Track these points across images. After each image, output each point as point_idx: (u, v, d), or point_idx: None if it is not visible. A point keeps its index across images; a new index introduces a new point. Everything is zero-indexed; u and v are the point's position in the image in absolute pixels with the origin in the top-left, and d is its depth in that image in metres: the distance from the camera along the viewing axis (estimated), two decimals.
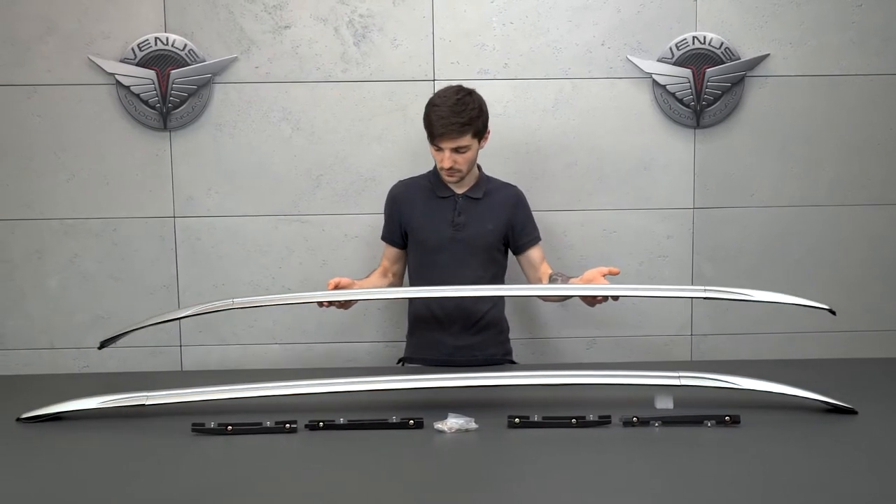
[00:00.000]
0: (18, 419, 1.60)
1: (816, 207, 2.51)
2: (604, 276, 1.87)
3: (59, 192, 2.45)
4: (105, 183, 2.45)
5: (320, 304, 1.91)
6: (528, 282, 2.24)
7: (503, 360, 2.22)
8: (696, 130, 2.48)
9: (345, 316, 2.47)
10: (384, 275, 2.19)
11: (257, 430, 1.49)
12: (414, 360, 2.21)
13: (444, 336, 2.15)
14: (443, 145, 2.02)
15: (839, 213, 2.52)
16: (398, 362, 2.27)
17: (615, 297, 1.85)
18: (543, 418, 1.52)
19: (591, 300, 1.89)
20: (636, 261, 2.52)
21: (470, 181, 2.16)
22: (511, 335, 2.41)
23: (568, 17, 2.44)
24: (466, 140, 2.03)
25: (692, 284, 2.52)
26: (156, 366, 2.50)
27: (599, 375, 1.62)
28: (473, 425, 1.50)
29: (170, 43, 2.38)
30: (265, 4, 2.40)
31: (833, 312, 1.78)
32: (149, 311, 2.47)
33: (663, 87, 2.44)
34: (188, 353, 2.52)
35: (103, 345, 1.89)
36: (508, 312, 2.39)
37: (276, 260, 2.49)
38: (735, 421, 1.51)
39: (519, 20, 2.44)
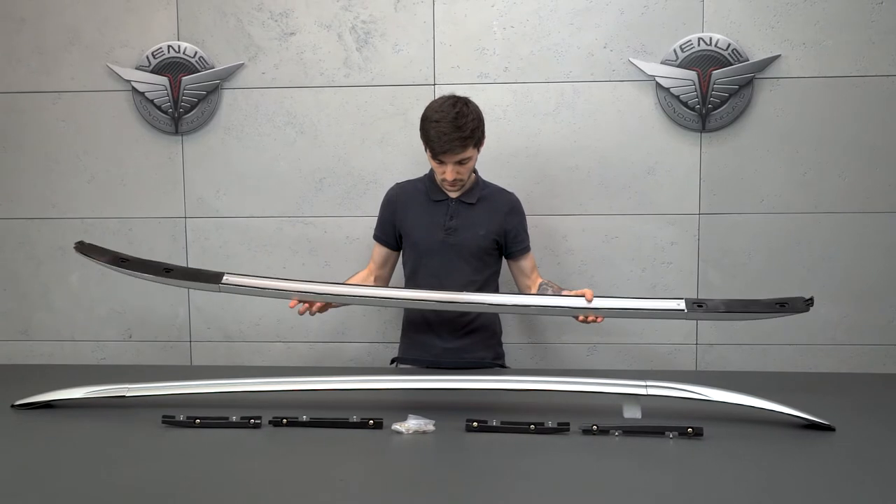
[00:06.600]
0: (13, 405, 1.70)
1: (829, 214, 2.41)
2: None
3: (81, 192, 2.59)
4: (122, 184, 2.58)
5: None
6: (518, 288, 2.23)
7: (493, 364, 2.21)
8: (703, 134, 2.42)
9: (345, 316, 2.54)
10: (367, 278, 2.21)
11: (223, 424, 1.55)
12: (405, 360, 2.23)
13: (433, 338, 2.17)
14: (446, 160, 2.03)
15: (854, 220, 2.41)
16: (391, 362, 2.29)
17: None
18: (502, 423, 1.51)
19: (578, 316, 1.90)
20: (639, 267, 2.48)
21: (465, 186, 2.17)
22: (511, 340, 2.41)
23: (570, 20, 2.42)
24: (469, 152, 2.04)
25: (697, 292, 2.46)
26: (167, 359, 2.61)
27: (563, 382, 1.61)
28: (431, 427, 1.51)
29: (181, 50, 2.48)
30: (272, 12, 2.48)
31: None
32: (159, 307, 2.60)
33: (667, 89, 2.39)
34: (197, 349, 2.62)
35: (81, 248, 1.89)
36: (507, 317, 2.39)
37: (280, 260, 2.56)
38: (697, 433, 1.47)
39: (520, 24, 2.43)
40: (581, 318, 1.90)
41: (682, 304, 1.76)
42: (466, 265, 2.15)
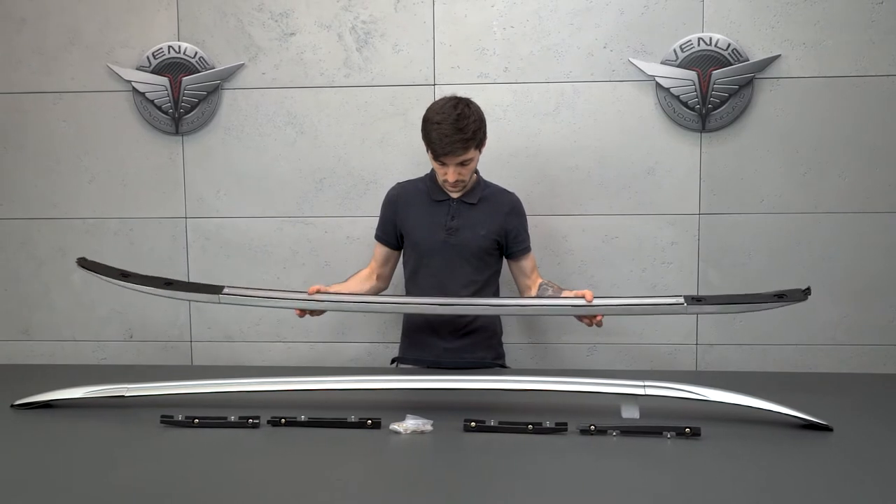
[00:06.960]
0: (13, 405, 1.71)
1: (829, 214, 2.41)
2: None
3: (82, 193, 2.59)
4: (122, 185, 2.58)
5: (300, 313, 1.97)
6: (518, 288, 2.24)
7: (493, 364, 2.21)
8: (703, 134, 2.41)
9: (346, 316, 2.54)
10: (369, 276, 2.21)
11: (222, 424, 1.55)
12: (405, 360, 2.23)
13: (433, 338, 2.17)
14: (447, 161, 2.03)
15: (854, 220, 2.40)
16: (391, 362, 2.30)
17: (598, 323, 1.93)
18: (500, 423, 1.51)
19: (581, 317, 1.95)
20: (639, 267, 2.48)
21: (467, 186, 2.17)
22: (511, 340, 2.41)
23: (570, 20, 2.42)
24: (470, 154, 2.03)
25: (697, 291, 2.46)
26: (168, 360, 2.62)
27: (561, 382, 1.61)
28: (429, 427, 1.51)
29: (182, 51, 2.49)
30: (272, 12, 2.48)
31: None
32: (160, 308, 2.60)
33: (667, 89, 2.38)
34: (198, 349, 2.63)
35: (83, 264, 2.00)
36: (508, 317, 2.38)
37: (280, 260, 2.56)
38: (695, 433, 1.47)
39: (520, 24, 2.43)
40: (586, 321, 1.92)
41: (681, 300, 1.81)
42: (467, 265, 2.15)
